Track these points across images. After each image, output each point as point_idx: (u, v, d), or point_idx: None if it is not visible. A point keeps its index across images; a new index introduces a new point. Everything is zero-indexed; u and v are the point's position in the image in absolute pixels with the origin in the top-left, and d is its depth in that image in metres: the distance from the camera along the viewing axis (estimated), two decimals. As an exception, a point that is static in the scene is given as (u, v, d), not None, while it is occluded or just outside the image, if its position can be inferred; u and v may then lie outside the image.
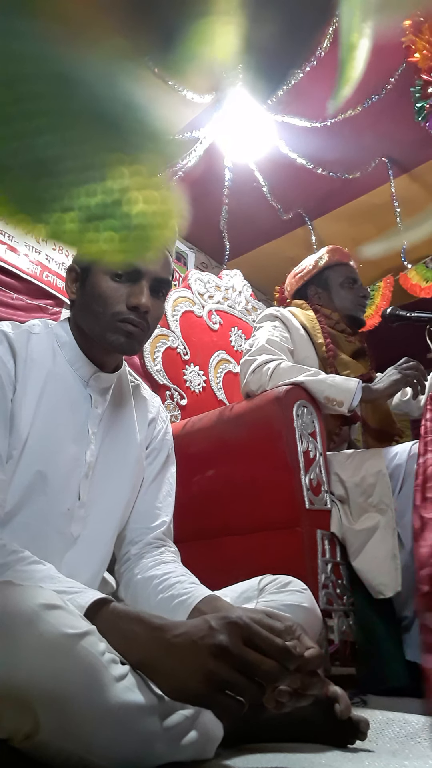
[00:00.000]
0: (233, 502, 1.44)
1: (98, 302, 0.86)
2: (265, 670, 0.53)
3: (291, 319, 1.74)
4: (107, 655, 0.57)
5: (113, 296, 0.85)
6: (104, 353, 0.91)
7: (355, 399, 1.43)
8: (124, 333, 0.86)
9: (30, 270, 2.75)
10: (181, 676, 0.55)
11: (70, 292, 0.91)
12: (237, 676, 0.53)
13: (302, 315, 1.76)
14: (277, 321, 1.73)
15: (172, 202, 0.20)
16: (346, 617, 1.30)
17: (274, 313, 1.76)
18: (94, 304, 0.86)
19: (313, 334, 1.70)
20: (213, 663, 0.54)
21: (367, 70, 0.26)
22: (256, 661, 0.53)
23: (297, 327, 1.72)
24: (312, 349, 1.68)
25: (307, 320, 1.74)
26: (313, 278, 1.86)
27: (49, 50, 0.18)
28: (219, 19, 0.20)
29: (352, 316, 1.78)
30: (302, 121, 2.71)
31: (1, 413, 0.79)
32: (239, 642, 0.54)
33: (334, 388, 1.44)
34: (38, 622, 0.53)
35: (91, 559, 0.87)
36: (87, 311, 0.88)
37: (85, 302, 0.88)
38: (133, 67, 0.20)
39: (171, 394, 1.88)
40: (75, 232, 0.20)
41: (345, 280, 1.81)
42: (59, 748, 0.53)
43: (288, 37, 0.23)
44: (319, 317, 1.75)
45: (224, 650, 0.54)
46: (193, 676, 0.54)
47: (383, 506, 1.34)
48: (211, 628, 0.56)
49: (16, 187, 0.19)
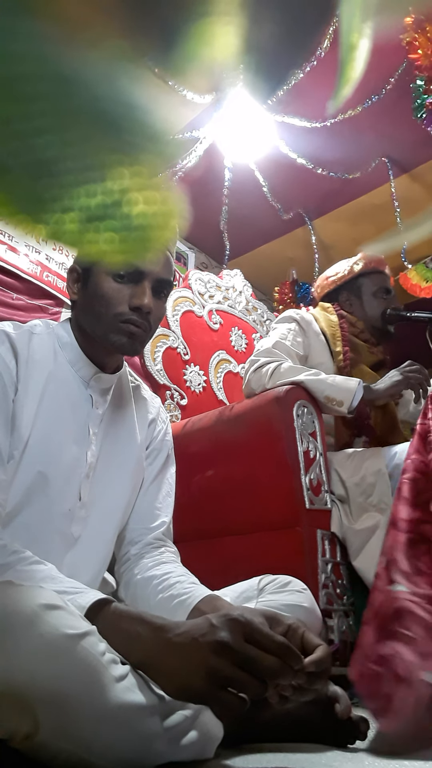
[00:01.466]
0: (233, 502, 1.44)
1: (100, 303, 0.86)
2: (266, 666, 0.53)
3: (311, 323, 1.71)
4: (107, 656, 0.57)
5: (116, 297, 0.85)
6: (106, 354, 0.91)
7: (356, 399, 1.43)
8: (126, 333, 0.86)
9: (30, 270, 2.75)
10: (183, 674, 0.56)
11: (71, 292, 0.91)
12: (239, 672, 0.54)
13: (324, 320, 1.72)
14: (294, 324, 1.70)
15: (172, 203, 0.20)
16: (346, 617, 1.30)
17: (293, 315, 1.73)
18: (96, 305, 0.86)
19: (332, 341, 1.67)
20: (215, 660, 0.54)
21: (367, 70, 0.26)
22: (257, 657, 0.54)
23: (316, 332, 1.69)
24: (328, 356, 1.66)
25: (328, 326, 1.70)
26: (346, 283, 1.81)
27: (49, 50, 0.18)
28: (219, 20, 0.20)
29: (380, 328, 1.74)
30: (302, 121, 2.71)
31: (3, 414, 0.79)
32: (240, 638, 0.55)
33: (334, 388, 1.44)
34: (38, 623, 0.53)
35: (91, 560, 0.87)
36: (89, 312, 0.88)
37: (87, 303, 0.88)
38: (133, 67, 0.20)
39: (171, 394, 1.88)
40: (75, 232, 0.20)
41: (378, 290, 1.76)
42: (59, 748, 0.53)
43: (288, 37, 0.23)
44: (342, 323, 1.71)
45: (226, 647, 0.54)
46: (195, 674, 0.54)
47: (383, 506, 1.34)
48: (212, 626, 0.56)
49: (17, 187, 0.19)
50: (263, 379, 1.49)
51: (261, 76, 0.23)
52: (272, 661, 0.54)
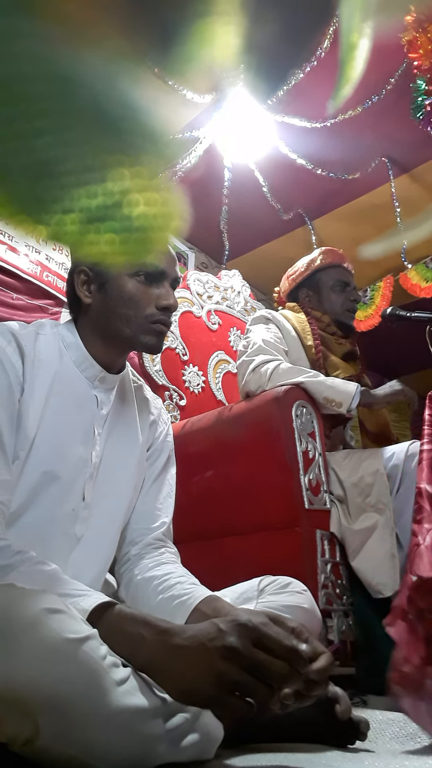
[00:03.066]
0: (233, 502, 1.44)
1: (128, 305, 0.87)
2: (275, 672, 0.53)
3: (283, 321, 1.74)
4: (108, 659, 0.56)
5: (144, 298, 0.87)
6: (116, 355, 0.92)
7: (354, 401, 1.44)
8: (156, 333, 0.89)
9: (30, 270, 2.75)
10: (190, 678, 0.55)
11: (82, 294, 0.90)
12: (247, 677, 0.53)
13: (294, 318, 1.75)
14: (270, 323, 1.73)
15: (173, 204, 0.20)
16: (346, 617, 1.30)
17: (266, 315, 1.76)
18: (122, 308, 0.87)
19: (303, 336, 1.70)
20: (223, 665, 0.54)
21: (367, 70, 0.26)
22: (266, 663, 0.54)
23: (289, 329, 1.72)
24: (303, 351, 1.69)
25: (297, 323, 1.73)
26: (304, 280, 1.84)
27: (49, 50, 0.18)
28: (219, 20, 0.20)
29: (339, 321, 1.77)
30: (302, 121, 2.70)
31: (9, 414, 0.79)
32: (249, 643, 0.54)
33: (333, 390, 1.44)
34: (40, 627, 0.53)
35: (94, 560, 0.87)
36: (112, 315, 0.88)
37: (108, 306, 0.88)
38: (133, 67, 0.20)
39: (170, 395, 1.88)
40: (76, 233, 0.20)
41: (336, 284, 1.79)
42: (60, 752, 0.52)
43: (288, 37, 0.23)
44: (309, 320, 1.74)
45: (234, 652, 0.54)
46: (203, 679, 0.54)
47: (381, 506, 1.34)
48: (220, 631, 0.56)
49: (17, 188, 0.19)
50: (263, 379, 1.49)
51: (261, 76, 0.23)
52: (281, 666, 0.54)
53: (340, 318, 1.76)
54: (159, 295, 0.88)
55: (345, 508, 1.39)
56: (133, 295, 0.87)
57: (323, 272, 1.81)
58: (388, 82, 2.53)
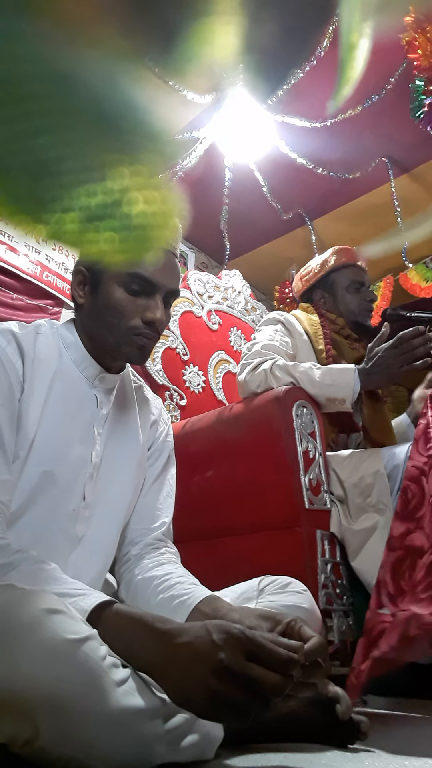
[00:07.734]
0: (233, 502, 1.44)
1: (113, 314, 0.86)
2: (270, 687, 0.52)
3: (294, 324, 1.71)
4: (108, 660, 0.56)
5: (129, 309, 0.85)
6: (112, 359, 0.92)
7: (356, 388, 1.44)
8: (138, 346, 0.87)
9: (30, 270, 2.75)
10: (186, 687, 0.55)
11: (77, 294, 0.90)
12: (240, 695, 0.52)
13: (306, 320, 1.72)
14: (280, 325, 1.70)
15: (172, 203, 0.20)
16: (346, 617, 1.30)
17: (277, 317, 1.73)
18: (107, 315, 0.86)
19: (314, 340, 1.68)
20: (215, 683, 0.53)
21: (367, 70, 0.26)
22: (260, 678, 0.52)
23: (300, 332, 1.70)
24: (313, 355, 1.66)
25: (310, 325, 1.71)
26: (319, 281, 1.80)
27: (49, 50, 0.18)
28: (219, 19, 0.20)
29: (357, 322, 1.73)
30: (302, 121, 2.71)
31: (9, 414, 0.79)
32: (242, 658, 0.53)
33: (333, 388, 1.44)
34: (39, 628, 0.53)
35: (94, 560, 0.87)
36: (98, 320, 0.88)
37: (96, 311, 0.88)
38: (133, 67, 0.20)
39: (170, 395, 1.88)
40: (75, 232, 0.20)
41: (351, 284, 1.75)
42: (59, 753, 0.52)
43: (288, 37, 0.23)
44: (323, 322, 1.71)
45: (226, 669, 0.53)
46: (196, 692, 0.54)
47: (381, 506, 1.34)
48: (213, 643, 0.54)
49: (17, 187, 0.19)
50: (261, 379, 1.48)
51: (261, 75, 0.23)
52: (276, 680, 0.52)
53: (357, 319, 1.73)
54: (146, 307, 0.86)
55: (345, 508, 1.39)
56: (118, 305, 0.85)
57: (338, 273, 1.78)
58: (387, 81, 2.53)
